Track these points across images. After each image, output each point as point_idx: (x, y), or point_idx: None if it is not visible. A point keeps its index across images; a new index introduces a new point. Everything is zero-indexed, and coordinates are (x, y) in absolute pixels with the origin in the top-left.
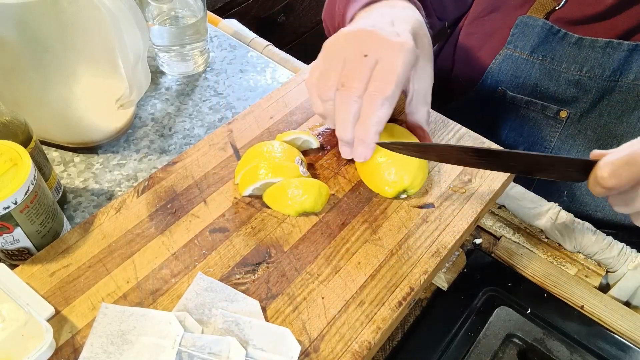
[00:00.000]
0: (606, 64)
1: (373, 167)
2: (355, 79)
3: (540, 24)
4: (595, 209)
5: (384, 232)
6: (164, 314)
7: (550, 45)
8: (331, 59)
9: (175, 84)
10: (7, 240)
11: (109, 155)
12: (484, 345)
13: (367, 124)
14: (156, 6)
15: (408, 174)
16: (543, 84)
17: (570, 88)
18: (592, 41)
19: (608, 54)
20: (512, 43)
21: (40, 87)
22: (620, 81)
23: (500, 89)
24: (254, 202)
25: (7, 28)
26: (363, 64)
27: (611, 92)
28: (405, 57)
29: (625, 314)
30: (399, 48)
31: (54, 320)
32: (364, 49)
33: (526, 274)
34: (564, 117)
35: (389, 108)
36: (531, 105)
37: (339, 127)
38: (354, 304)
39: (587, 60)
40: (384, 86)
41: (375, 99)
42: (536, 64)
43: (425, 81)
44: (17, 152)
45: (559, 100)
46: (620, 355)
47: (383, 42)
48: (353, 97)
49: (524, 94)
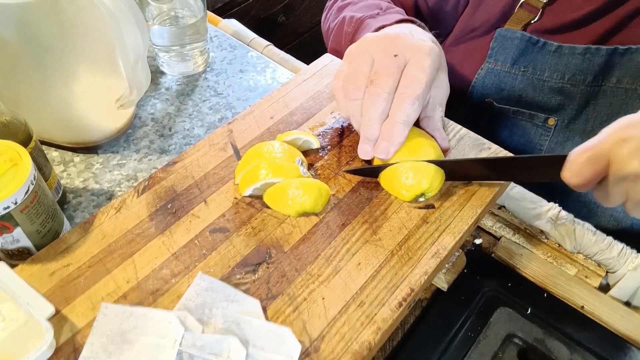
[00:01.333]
0: (587, 69)
1: (391, 171)
2: (385, 76)
3: (518, 35)
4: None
5: (384, 232)
6: (165, 313)
7: (530, 56)
8: (359, 60)
9: (175, 84)
10: (7, 240)
11: (109, 155)
12: (484, 345)
13: (396, 121)
14: (156, 6)
15: (426, 178)
16: (528, 94)
17: (555, 96)
18: (571, 48)
19: (588, 59)
20: (492, 57)
21: (40, 87)
22: (604, 85)
23: (487, 100)
24: (254, 202)
25: (7, 28)
26: (393, 62)
27: (596, 97)
28: (434, 59)
29: (625, 314)
30: (427, 51)
31: (54, 320)
32: (393, 49)
33: (526, 274)
34: (552, 125)
35: (419, 107)
36: (519, 114)
37: (366, 125)
38: (354, 304)
39: (568, 67)
40: (415, 85)
41: (406, 97)
42: (519, 75)
43: (442, 90)
44: (17, 152)
45: (546, 109)
46: (620, 355)
47: (412, 44)
48: (383, 94)
49: (510, 105)
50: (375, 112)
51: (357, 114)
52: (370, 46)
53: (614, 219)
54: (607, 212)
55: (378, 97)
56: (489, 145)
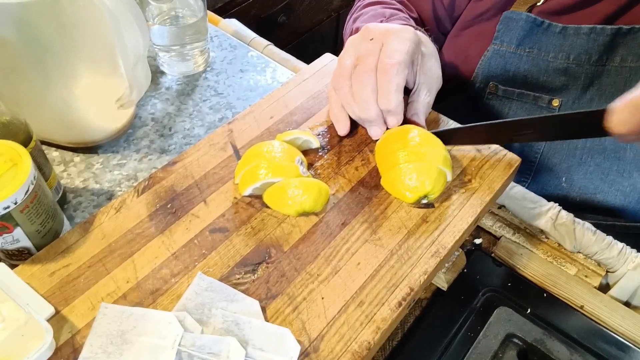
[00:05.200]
0: (591, 49)
1: (394, 173)
2: (365, 57)
3: (523, 17)
4: (595, 191)
5: (383, 232)
6: (164, 314)
7: (535, 37)
8: (343, 56)
9: (175, 83)
10: (7, 240)
11: (109, 155)
12: (484, 345)
13: (387, 93)
14: (156, 6)
15: (429, 179)
16: (533, 75)
17: (560, 76)
18: (576, 29)
19: (592, 39)
20: (498, 39)
21: (40, 87)
22: (608, 65)
23: (492, 84)
24: (254, 202)
25: (7, 28)
26: (371, 44)
27: (600, 77)
28: (409, 37)
29: (625, 314)
30: (403, 29)
31: (53, 320)
32: (369, 35)
33: (526, 274)
34: (556, 106)
35: (403, 73)
36: (523, 97)
37: (362, 108)
38: (353, 304)
39: (572, 47)
40: (396, 54)
41: (388, 66)
42: (524, 56)
43: (430, 77)
44: (17, 152)
45: (550, 90)
46: (620, 355)
47: (387, 27)
48: (367, 70)
49: (515, 87)
50: (365, 91)
51: (350, 99)
52: (352, 42)
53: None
54: (575, 185)
55: (364, 74)
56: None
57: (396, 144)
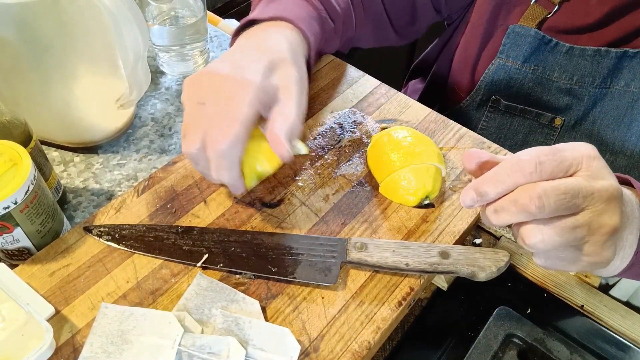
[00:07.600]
0: (595, 71)
1: (392, 180)
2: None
3: (532, 33)
4: None
5: (383, 232)
6: (164, 313)
7: (542, 55)
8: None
9: (175, 84)
10: (7, 240)
11: (109, 155)
12: (484, 345)
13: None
14: (156, 6)
15: (428, 179)
16: (536, 93)
17: (563, 96)
18: (581, 50)
19: (597, 61)
20: (504, 53)
21: (40, 87)
22: (612, 88)
23: (494, 98)
24: (254, 201)
25: (7, 28)
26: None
27: (603, 99)
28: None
29: (625, 314)
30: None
31: (53, 320)
32: (202, 96)
33: (526, 274)
34: (558, 125)
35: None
36: (526, 113)
37: (210, 179)
38: (353, 303)
39: (577, 68)
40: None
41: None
42: (528, 74)
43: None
44: (17, 152)
45: (553, 108)
46: (620, 355)
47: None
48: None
49: (518, 103)
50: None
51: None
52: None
53: None
54: None
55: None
56: (489, 144)
57: (388, 146)
